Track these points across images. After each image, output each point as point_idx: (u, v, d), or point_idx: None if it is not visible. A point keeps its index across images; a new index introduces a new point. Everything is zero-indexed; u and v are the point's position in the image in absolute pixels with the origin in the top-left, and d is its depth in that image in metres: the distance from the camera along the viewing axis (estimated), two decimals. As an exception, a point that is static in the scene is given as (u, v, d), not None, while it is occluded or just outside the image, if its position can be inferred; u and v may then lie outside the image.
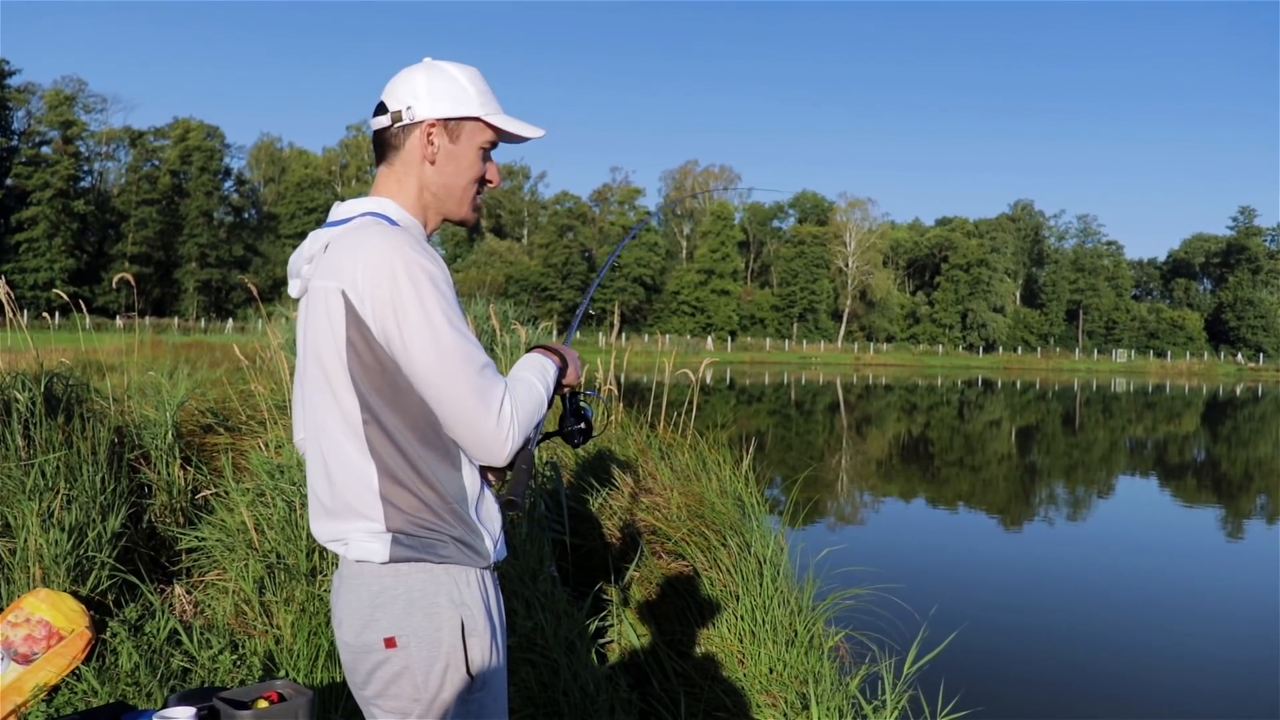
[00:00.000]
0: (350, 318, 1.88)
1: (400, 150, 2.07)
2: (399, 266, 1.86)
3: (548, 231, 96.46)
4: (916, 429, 27.06)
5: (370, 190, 2.12)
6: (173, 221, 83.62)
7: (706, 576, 4.70)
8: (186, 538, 5.13)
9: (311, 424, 2.03)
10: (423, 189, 2.07)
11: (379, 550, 1.92)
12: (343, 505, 1.96)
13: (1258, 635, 7.80)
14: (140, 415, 6.34)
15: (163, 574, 5.12)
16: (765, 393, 40.51)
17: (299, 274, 2.09)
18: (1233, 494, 16.33)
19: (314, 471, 2.04)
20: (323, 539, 2.04)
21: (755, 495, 5.45)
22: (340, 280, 1.89)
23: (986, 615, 7.75)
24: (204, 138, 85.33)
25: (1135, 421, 32.66)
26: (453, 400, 1.88)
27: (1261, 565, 10.71)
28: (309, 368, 2.01)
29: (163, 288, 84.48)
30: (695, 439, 6.73)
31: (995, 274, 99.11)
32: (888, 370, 74.34)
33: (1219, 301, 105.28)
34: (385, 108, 2.08)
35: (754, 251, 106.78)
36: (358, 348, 1.89)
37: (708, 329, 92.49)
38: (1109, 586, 9.18)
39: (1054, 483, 17.09)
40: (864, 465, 18.06)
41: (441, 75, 2.06)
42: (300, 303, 2.10)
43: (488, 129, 2.09)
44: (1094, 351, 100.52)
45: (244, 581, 4.50)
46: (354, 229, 1.96)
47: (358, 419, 1.92)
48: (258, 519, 4.80)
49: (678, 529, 5.00)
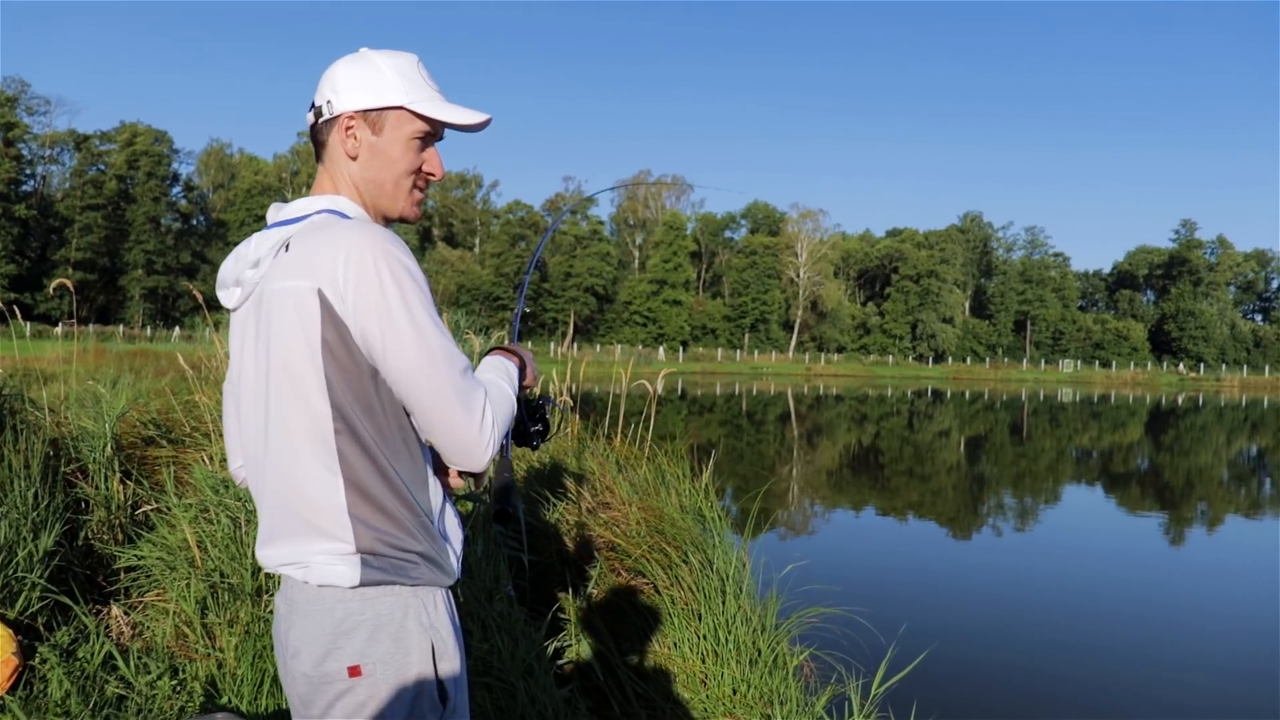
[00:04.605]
0: (326, 318, 1.75)
1: (327, 147, 1.96)
2: (382, 263, 1.74)
3: (500, 240, 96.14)
4: (867, 439, 27.11)
5: (310, 191, 1.98)
6: (118, 227, 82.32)
7: (668, 594, 4.57)
8: (125, 556, 4.91)
9: (260, 443, 1.87)
10: (355, 186, 1.95)
11: (347, 574, 1.78)
12: (302, 525, 1.81)
13: (1218, 639, 7.82)
14: (78, 427, 6.10)
15: (99, 594, 4.89)
16: (717, 403, 40.48)
17: (240, 281, 1.93)
18: (1176, 502, 16.52)
19: (266, 492, 1.88)
20: (273, 564, 1.88)
21: (717, 510, 5.32)
22: (315, 279, 1.75)
23: (951, 629, 7.68)
24: (152, 142, 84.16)
25: (1081, 431, 32.98)
26: (436, 403, 1.76)
27: (1208, 571, 10.86)
28: (270, 378, 1.83)
29: (108, 295, 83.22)
30: (654, 452, 6.60)
31: (945, 285, 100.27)
32: (838, 381, 74.68)
33: (1162, 313, 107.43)
34: (314, 104, 1.97)
35: (706, 262, 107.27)
36: (334, 350, 1.75)
37: (660, 339, 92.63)
38: (1069, 595, 9.16)
39: (1004, 492, 17.15)
40: (816, 476, 18.02)
41: (363, 64, 1.93)
42: (242, 312, 1.94)
43: (415, 118, 1.94)
44: (1041, 362, 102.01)
45: (185, 602, 4.30)
46: (321, 225, 1.83)
47: (328, 428, 1.77)
48: (200, 536, 4.60)
49: (638, 545, 4.86)
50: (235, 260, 1.94)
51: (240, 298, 1.92)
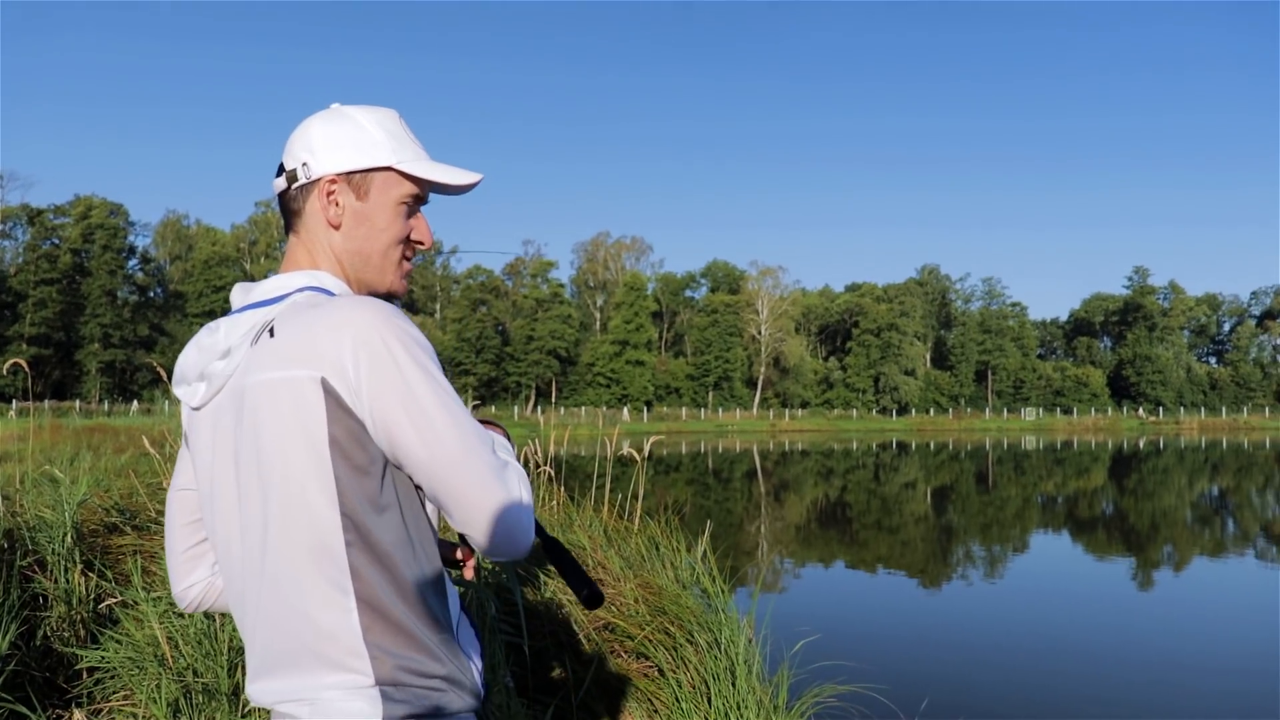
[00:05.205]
0: (334, 411, 1.48)
1: (302, 215, 1.69)
2: (394, 341, 1.48)
3: (460, 306, 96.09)
4: (834, 493, 26.98)
5: (281, 267, 1.71)
6: (74, 301, 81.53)
7: (673, 678, 4.30)
8: (88, 655, 4.58)
9: (251, 563, 1.59)
10: (337, 259, 1.68)
11: (366, 710, 1.50)
12: (308, 656, 1.53)
13: (1201, 676, 7.71)
14: (35, 515, 5.76)
15: (59, 699, 4.54)
16: (683, 462, 40.24)
17: (206, 375, 1.64)
18: (1143, 544, 16.56)
19: (260, 618, 1.59)
20: (268, 700, 1.59)
21: (720, 584, 5.07)
22: (315, 366, 1.48)
23: (961, 693, 7.45)
24: (107, 215, 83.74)
25: (1046, 478, 33.10)
26: (479, 491, 1.49)
27: (1182, 610, 11.05)
28: (262, 487, 1.54)
29: (63, 369, 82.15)
30: (644, 523, 6.35)
31: (905, 337, 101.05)
32: (804, 435, 74.73)
33: (1119, 358, 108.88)
34: (283, 168, 1.70)
35: (667, 321, 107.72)
36: (344, 448, 1.49)
37: (624, 399, 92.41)
38: (1082, 649, 8.97)
39: (985, 542, 17.00)
40: (786, 531, 17.84)
41: (342, 121, 1.69)
42: (210, 411, 1.65)
43: (404, 180, 1.69)
44: (1003, 410, 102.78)
45: (155, 705, 3.98)
46: (309, 305, 1.56)
47: (338, 540, 1.50)
48: (171, 631, 4.29)
49: (639, 626, 4.60)
50: (198, 351, 1.65)
51: (207, 394, 1.63)
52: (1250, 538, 17.70)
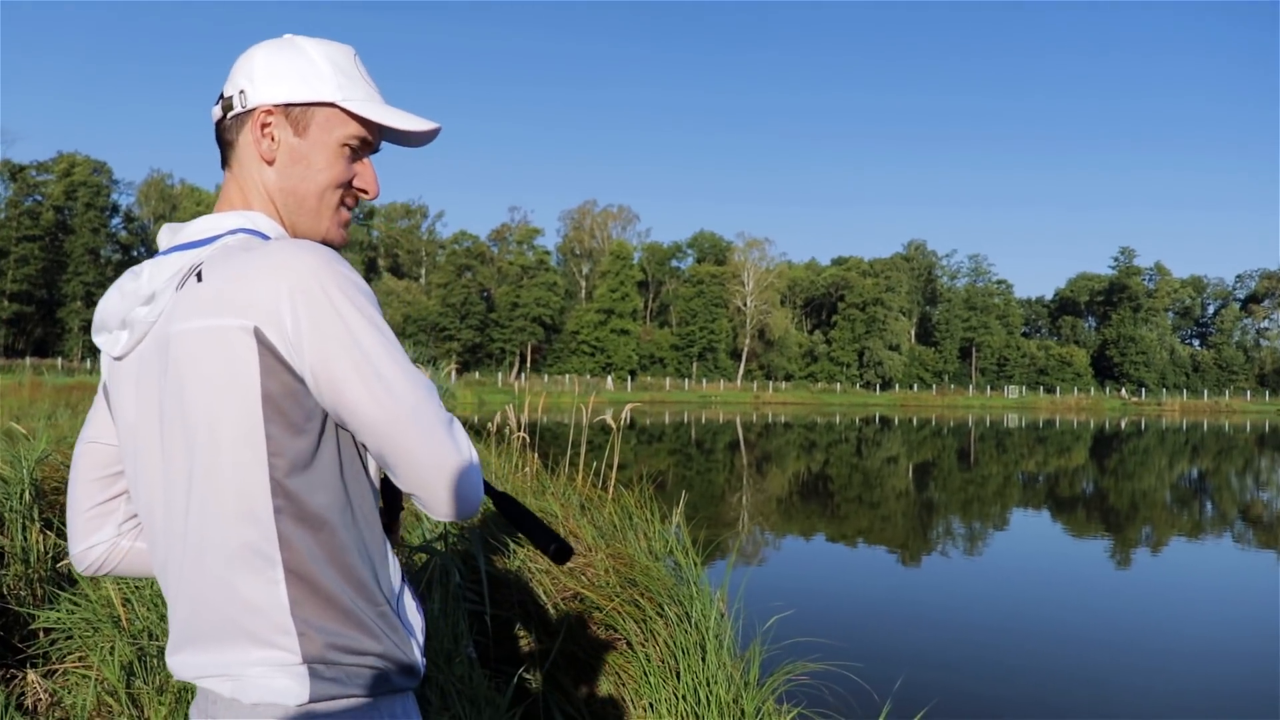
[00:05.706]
0: (268, 364, 1.35)
1: (235, 148, 1.56)
2: (334, 288, 1.36)
3: (446, 271, 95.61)
4: (816, 466, 26.97)
5: (216, 207, 1.56)
6: (56, 259, 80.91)
7: (642, 651, 4.21)
8: (43, 616, 4.46)
9: (175, 525, 1.45)
10: (270, 198, 1.54)
11: (291, 689, 1.38)
12: (231, 629, 1.40)
13: (1175, 659, 7.66)
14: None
15: (14, 659, 4.44)
16: (665, 432, 40.19)
17: (128, 322, 1.49)
18: (1122, 524, 16.58)
19: (182, 586, 1.46)
20: (189, 674, 1.46)
21: (693, 557, 4.98)
22: (247, 315, 1.35)
23: (936, 671, 7.39)
24: (90, 173, 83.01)
25: (1028, 456, 33.17)
26: (428, 448, 1.38)
27: (1157, 590, 11.04)
28: (187, 445, 1.41)
29: (45, 327, 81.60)
30: (618, 491, 6.24)
31: (890, 313, 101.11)
32: (787, 408, 74.73)
33: (1103, 338, 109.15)
34: (223, 95, 1.56)
35: (653, 291, 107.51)
36: (279, 404, 1.36)
37: (607, 369, 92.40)
38: (1064, 630, 8.93)
39: (969, 520, 17.00)
40: (768, 504, 17.79)
41: (289, 50, 1.55)
42: (131, 362, 1.51)
43: (350, 119, 1.55)
44: (987, 388, 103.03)
45: (108, 667, 3.87)
46: (241, 248, 1.42)
47: (266, 505, 1.37)
48: (127, 593, 4.19)
49: (608, 598, 4.50)
50: (120, 296, 1.51)
51: (129, 343, 1.50)
52: (1228, 520, 17.76)
